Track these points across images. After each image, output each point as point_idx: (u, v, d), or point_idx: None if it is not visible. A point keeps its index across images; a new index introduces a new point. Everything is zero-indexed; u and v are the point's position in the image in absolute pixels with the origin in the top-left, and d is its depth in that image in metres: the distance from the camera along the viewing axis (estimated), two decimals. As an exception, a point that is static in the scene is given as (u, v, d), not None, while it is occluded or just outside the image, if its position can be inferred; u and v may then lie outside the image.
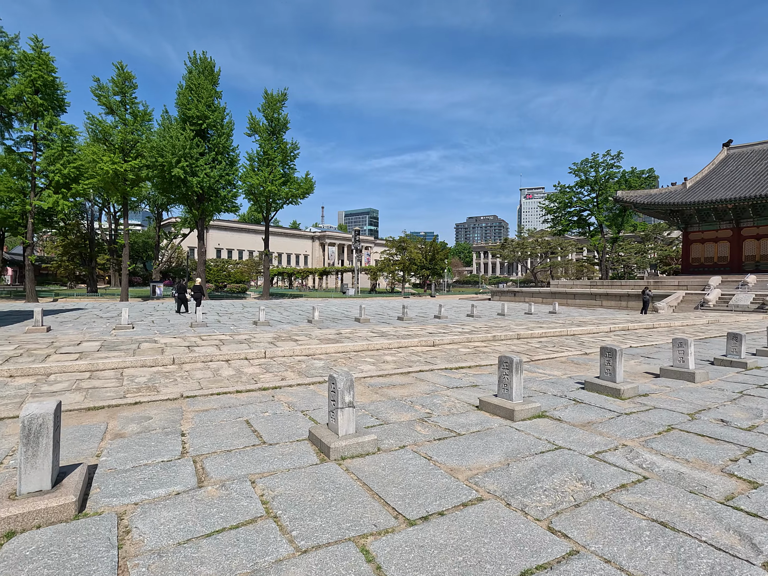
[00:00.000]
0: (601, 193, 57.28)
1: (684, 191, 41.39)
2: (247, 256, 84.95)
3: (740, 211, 37.86)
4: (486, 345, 10.71)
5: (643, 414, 5.13)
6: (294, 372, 7.19)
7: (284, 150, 35.46)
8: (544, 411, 5.13)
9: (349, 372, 4.22)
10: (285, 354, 8.48)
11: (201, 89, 31.00)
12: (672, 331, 15.10)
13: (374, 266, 56.08)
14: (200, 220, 33.90)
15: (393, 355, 8.99)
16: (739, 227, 38.85)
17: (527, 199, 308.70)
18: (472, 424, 4.61)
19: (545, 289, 39.35)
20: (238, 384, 6.31)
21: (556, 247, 61.42)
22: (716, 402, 5.73)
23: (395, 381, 6.79)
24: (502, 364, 5.12)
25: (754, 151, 43.64)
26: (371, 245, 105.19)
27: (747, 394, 6.22)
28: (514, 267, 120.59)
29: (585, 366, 8.49)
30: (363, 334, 11.13)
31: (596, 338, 12.63)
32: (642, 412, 5.19)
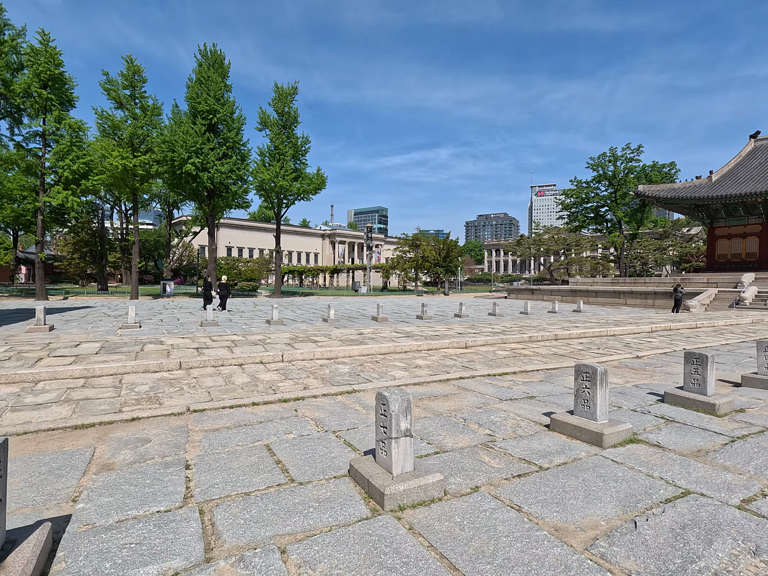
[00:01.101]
0: (620, 188, 55.51)
1: (710, 185, 39.70)
2: (258, 255, 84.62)
3: (770, 205, 36.09)
4: (524, 347, 9.68)
5: (758, 438, 4.09)
6: (317, 379, 6.26)
7: (295, 144, 34.63)
8: (635, 433, 4.12)
9: (403, 391, 3.28)
10: (305, 357, 7.55)
11: (210, 82, 30.27)
12: (718, 331, 13.89)
13: (386, 264, 55.08)
14: (211, 217, 33.24)
15: (424, 358, 8.01)
16: (769, 222, 37.06)
17: (538, 197, 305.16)
18: (551, 453, 3.62)
19: (564, 287, 38.01)
20: (254, 394, 5.39)
21: (572, 244, 59.79)
22: (838, 421, 4.66)
23: (435, 390, 5.82)
24: (581, 374, 4.12)
25: (783, 142, 41.74)
26: (381, 243, 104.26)
27: None
28: (527, 265, 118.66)
29: (644, 372, 7.43)
30: (387, 335, 10.17)
31: (640, 339, 11.52)
32: (756, 435, 4.15)
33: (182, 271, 63.96)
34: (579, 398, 4.16)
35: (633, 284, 35.27)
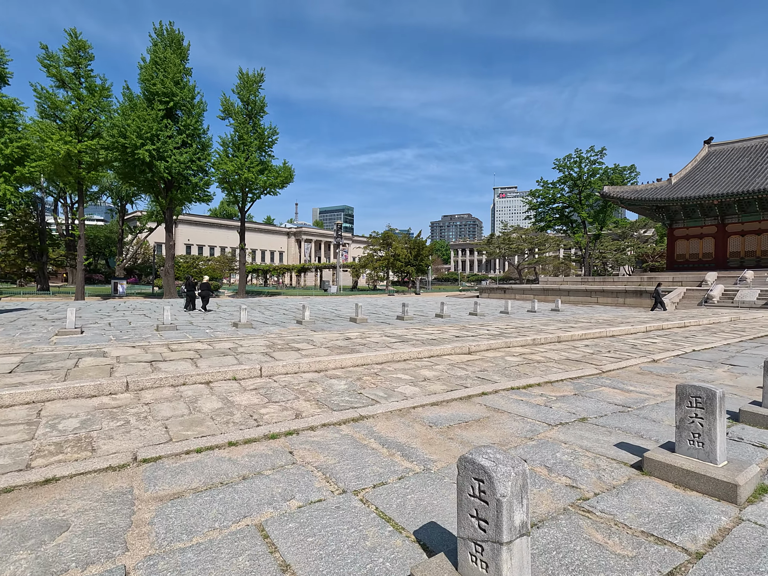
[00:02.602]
0: (584, 190, 56.85)
1: (669, 187, 41.11)
2: (219, 253, 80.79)
3: (725, 207, 37.75)
4: (531, 351, 8.71)
5: None
6: (309, 401, 4.92)
7: (261, 135, 32.65)
8: (763, 475, 3.11)
9: (510, 456, 2.05)
10: (288, 371, 6.18)
11: (168, 64, 27.78)
12: (708, 330, 13.62)
13: (357, 263, 53.64)
14: (168, 210, 30.65)
15: (430, 368, 6.83)
16: (724, 223, 38.78)
17: (501, 198, 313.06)
18: (678, 519, 2.51)
19: (536, 286, 38.14)
20: (229, 427, 4.00)
21: (541, 243, 60.79)
22: None
23: (461, 413, 4.65)
24: (688, 398, 3.06)
25: (734, 148, 43.91)
26: (349, 242, 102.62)
27: None
28: (492, 264, 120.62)
29: (675, 379, 6.60)
30: (378, 340, 8.92)
31: (641, 339, 10.89)
32: None
33: (137, 269, 59.73)
34: (685, 431, 3.10)
35: (603, 283, 35.80)
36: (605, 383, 6.26)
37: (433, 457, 3.44)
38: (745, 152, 41.36)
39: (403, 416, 4.51)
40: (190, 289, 18.96)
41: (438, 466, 3.27)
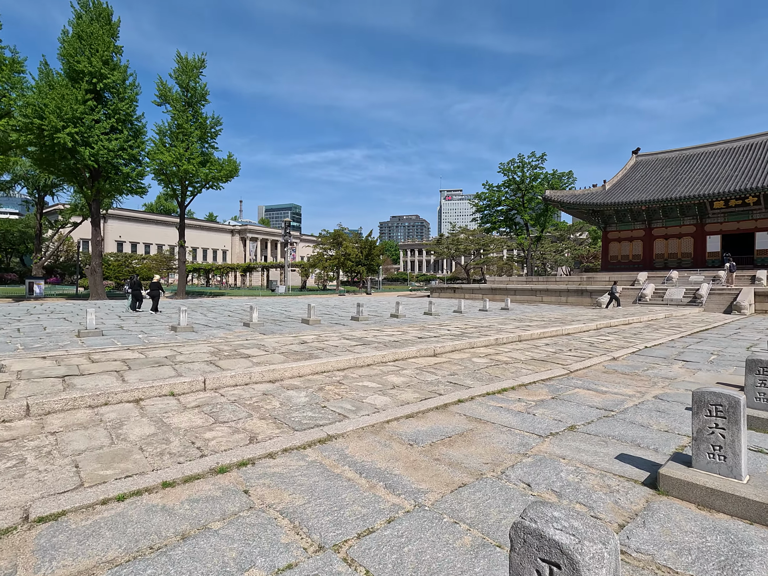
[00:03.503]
0: (527, 193, 59.42)
1: (603, 193, 43.83)
2: (156, 251, 75.37)
3: (651, 212, 40.80)
4: (496, 351, 8.45)
5: None
6: (265, 418, 4.17)
7: (203, 125, 30.52)
8: (777, 489, 2.85)
9: (610, 533, 1.46)
10: (238, 382, 5.34)
11: (95, 40, 25.03)
12: (650, 326, 14.31)
13: (306, 262, 52.07)
14: (95, 202, 27.70)
15: (397, 374, 6.28)
16: (651, 227, 41.91)
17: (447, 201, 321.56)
18: (726, 556, 2.14)
19: (485, 285, 39.07)
20: (164, 461, 3.18)
21: (488, 244, 62.74)
22: None
23: (441, 425, 4.13)
24: (706, 406, 2.73)
25: (658, 159, 47.73)
26: (297, 241, 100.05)
27: None
28: (440, 264, 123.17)
29: (641, 378, 6.57)
30: (336, 343, 8.24)
31: (595, 337, 11.09)
32: None
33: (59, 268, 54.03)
34: (703, 443, 2.77)
35: (546, 283, 37.36)
36: (577, 384, 6.05)
37: (422, 487, 2.88)
38: (667, 163, 45.08)
39: (378, 433, 3.91)
40: (136, 288, 18.13)
41: (431, 499, 2.71)
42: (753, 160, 36.37)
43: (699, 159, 41.69)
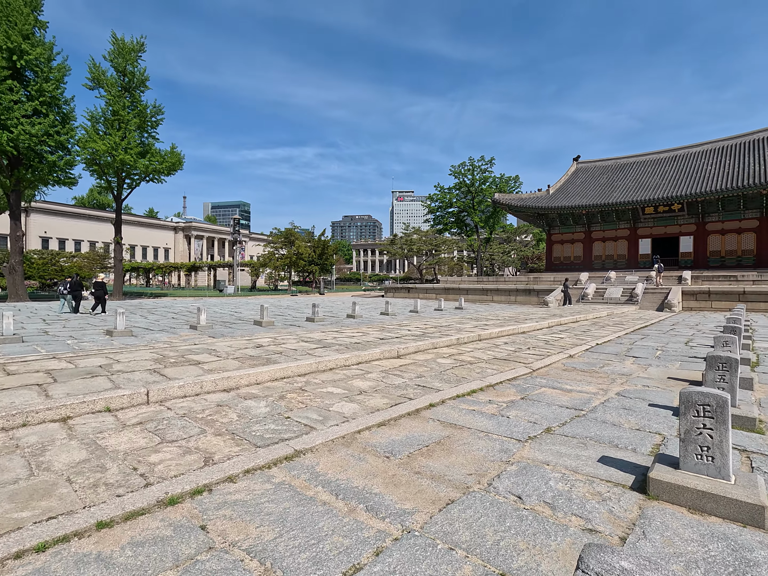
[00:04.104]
0: (477, 196, 61.19)
1: (548, 197, 46.06)
2: (88, 248, 69.49)
3: (591, 216, 43.36)
4: (458, 351, 8.38)
5: None
6: (221, 434, 3.71)
7: (143, 113, 28.39)
8: None
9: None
10: (188, 393, 4.78)
11: (13, 12, 22.43)
12: (596, 324, 15.04)
13: (256, 261, 50.11)
14: (14, 193, 24.86)
15: (363, 378, 5.97)
16: (590, 231, 44.53)
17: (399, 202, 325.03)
18: (734, 567, 2.04)
19: (438, 285, 39.66)
20: (99, 494, 2.66)
21: (440, 244, 63.89)
22: None
23: (416, 433, 3.88)
24: (694, 406, 2.68)
25: (596, 166, 50.91)
26: (246, 240, 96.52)
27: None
28: (393, 264, 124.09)
29: (599, 375, 6.73)
30: (295, 346, 7.78)
31: (548, 335, 11.41)
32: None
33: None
34: (691, 444, 2.72)
35: (496, 282, 38.58)
36: (542, 383, 6.06)
37: (407, 506, 2.60)
38: (604, 170, 48.20)
39: (350, 445, 3.58)
40: (76, 289, 17.09)
41: (419, 521, 2.43)
42: (677, 171, 39.75)
43: (632, 168, 44.95)
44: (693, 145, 42.86)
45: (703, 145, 41.82)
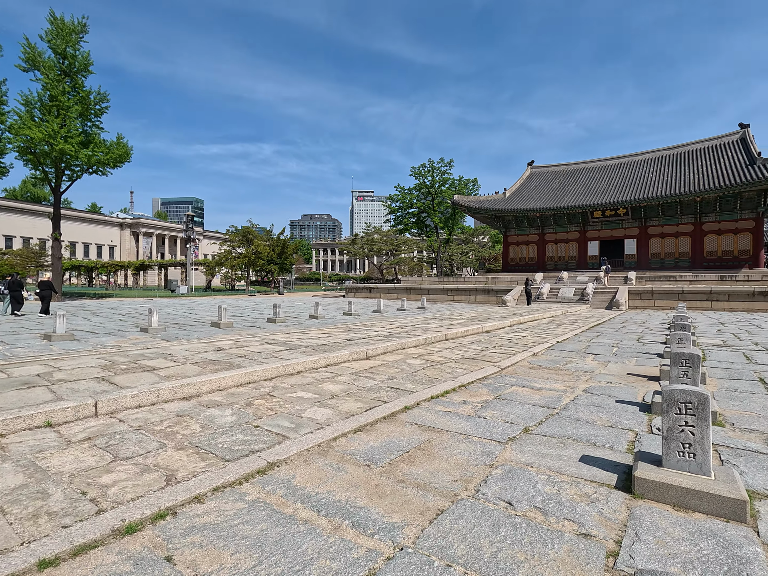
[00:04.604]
0: (436, 197, 62.17)
1: (504, 200, 47.55)
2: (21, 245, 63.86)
3: (544, 219, 45.20)
4: (427, 351, 8.33)
5: (806, 453, 3.44)
6: (184, 448, 3.37)
7: (85, 99, 26.38)
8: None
9: None
10: (143, 402, 4.36)
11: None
12: (554, 322, 15.58)
13: (212, 260, 48.03)
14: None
15: (333, 381, 5.74)
16: (544, 233, 46.39)
17: (359, 201, 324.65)
18: (728, 566, 2.05)
19: (400, 285, 39.83)
20: (39, 525, 2.29)
21: (401, 244, 64.31)
22: (798, 413, 4.53)
23: (395, 438, 3.73)
24: (676, 404, 2.71)
25: (549, 171, 53.17)
26: (200, 238, 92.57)
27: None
28: (353, 264, 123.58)
29: (564, 372, 6.90)
30: (259, 348, 7.41)
31: (511, 334, 11.66)
32: (796, 450, 3.51)
33: None
34: (673, 442, 2.75)
35: (456, 282, 39.30)
36: (512, 382, 6.11)
37: (396, 520, 2.43)
38: (557, 175, 50.40)
39: (326, 454, 3.37)
40: (16, 288, 16.03)
41: (410, 535, 2.28)
42: (622, 178, 42.26)
43: (582, 173, 47.29)
44: (637, 154, 45.73)
45: (646, 154, 44.76)
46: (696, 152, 40.12)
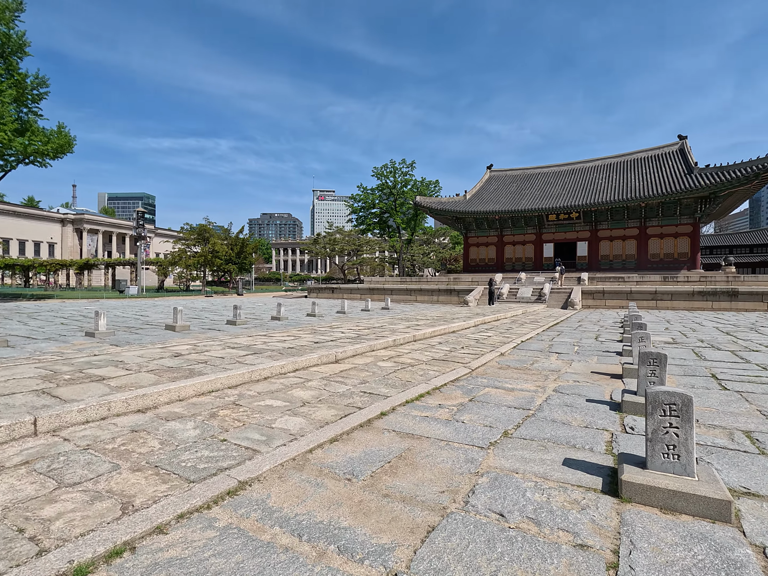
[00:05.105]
0: (399, 198, 62.50)
1: (465, 202, 48.55)
2: (-56, 241, 57.92)
3: (503, 221, 46.55)
4: (397, 353, 8.20)
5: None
6: (141, 469, 3.02)
7: (21, 84, 24.22)
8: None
9: None
10: (91, 417, 3.92)
11: None
12: (516, 322, 15.97)
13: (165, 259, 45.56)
14: None
15: (303, 387, 5.47)
16: (503, 235, 47.76)
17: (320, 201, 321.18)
18: (726, 572, 2.04)
19: (363, 285, 39.62)
20: (-35, 575, 1.92)
21: (363, 244, 64.07)
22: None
23: (374, 448, 3.55)
24: (660, 406, 2.72)
25: (507, 175, 54.80)
26: (151, 235, 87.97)
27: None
28: (314, 264, 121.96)
29: (532, 372, 6.99)
30: (221, 353, 6.98)
31: (477, 334, 11.79)
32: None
33: None
34: (658, 444, 2.75)
35: (419, 283, 39.62)
36: (484, 383, 6.10)
37: (385, 541, 2.26)
38: (514, 179, 52.07)
39: (303, 469, 3.14)
40: None
41: (403, 558, 2.11)
42: (575, 183, 44.29)
43: (538, 178, 49.11)
44: (588, 161, 48.07)
45: (596, 161, 47.15)
46: (640, 161, 42.76)
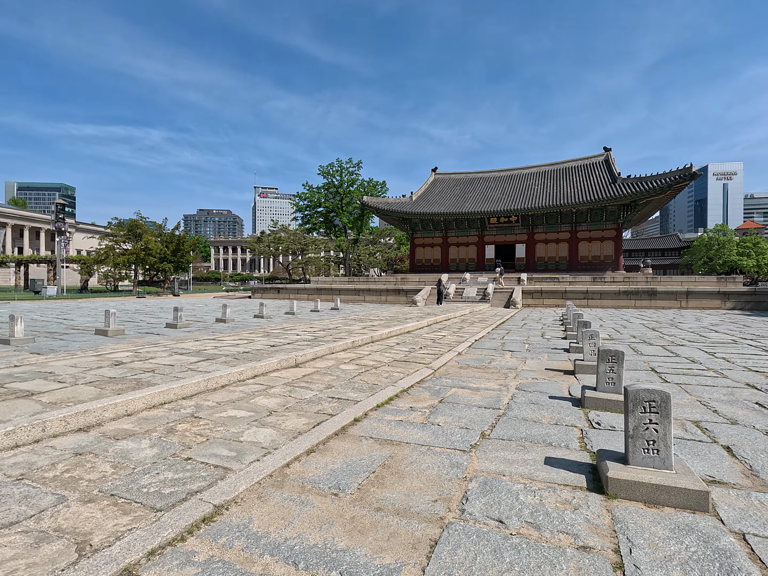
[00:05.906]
0: (345, 197, 62.10)
1: (411, 203, 49.33)
2: None
3: (447, 223, 47.88)
4: (358, 355, 8.03)
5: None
6: (93, 500, 2.61)
7: None
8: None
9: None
10: (22, 440, 3.36)
11: None
12: (465, 321, 16.41)
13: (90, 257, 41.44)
14: None
15: (266, 394, 5.14)
16: (447, 236, 49.08)
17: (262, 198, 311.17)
18: (720, 563, 2.12)
19: (310, 285, 38.82)
20: None
21: (309, 243, 62.81)
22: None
23: (354, 458, 3.38)
24: (641, 403, 2.83)
25: (451, 178, 56.43)
26: (72, 230, 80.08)
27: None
28: (257, 263, 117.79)
29: (491, 371, 7.17)
30: (169, 360, 6.40)
31: (432, 334, 11.94)
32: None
33: None
34: (639, 440, 2.86)
35: (367, 283, 39.55)
36: (450, 383, 6.13)
37: (388, 561, 2.12)
38: (458, 182, 53.72)
39: (283, 486, 2.90)
40: None
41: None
42: (514, 188, 46.63)
43: (480, 182, 51.06)
44: (525, 167, 50.79)
45: (532, 168, 49.94)
46: (572, 169, 45.96)
